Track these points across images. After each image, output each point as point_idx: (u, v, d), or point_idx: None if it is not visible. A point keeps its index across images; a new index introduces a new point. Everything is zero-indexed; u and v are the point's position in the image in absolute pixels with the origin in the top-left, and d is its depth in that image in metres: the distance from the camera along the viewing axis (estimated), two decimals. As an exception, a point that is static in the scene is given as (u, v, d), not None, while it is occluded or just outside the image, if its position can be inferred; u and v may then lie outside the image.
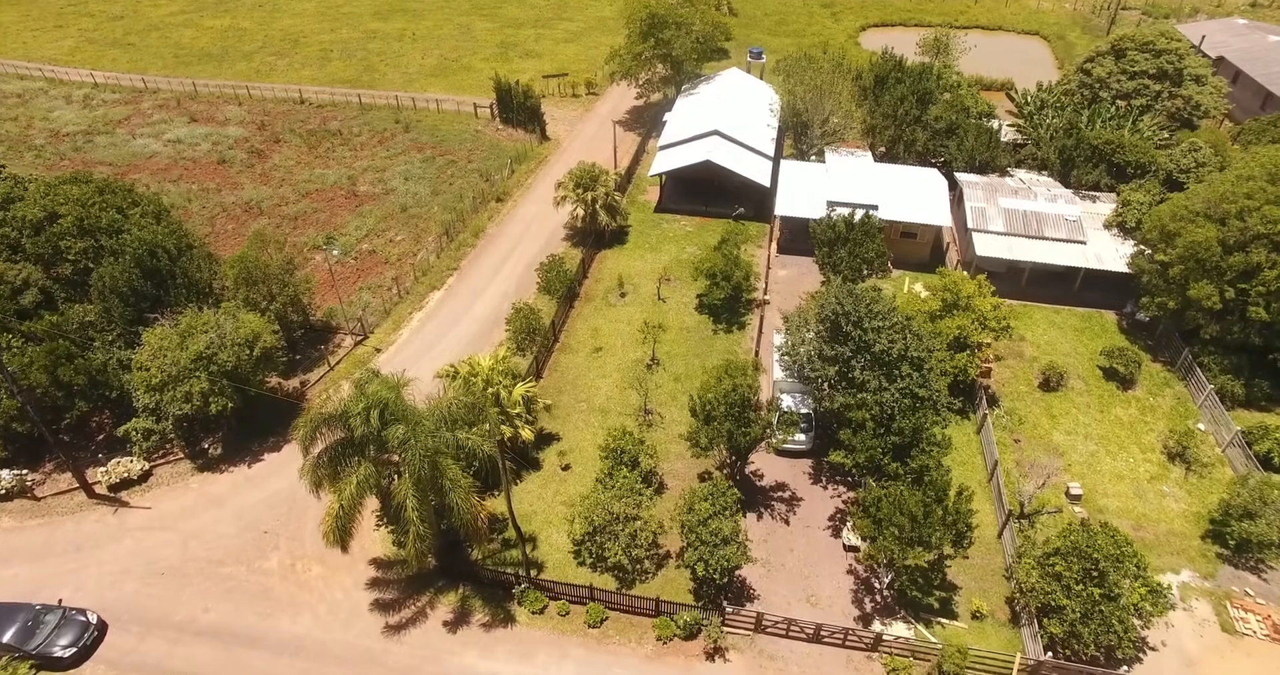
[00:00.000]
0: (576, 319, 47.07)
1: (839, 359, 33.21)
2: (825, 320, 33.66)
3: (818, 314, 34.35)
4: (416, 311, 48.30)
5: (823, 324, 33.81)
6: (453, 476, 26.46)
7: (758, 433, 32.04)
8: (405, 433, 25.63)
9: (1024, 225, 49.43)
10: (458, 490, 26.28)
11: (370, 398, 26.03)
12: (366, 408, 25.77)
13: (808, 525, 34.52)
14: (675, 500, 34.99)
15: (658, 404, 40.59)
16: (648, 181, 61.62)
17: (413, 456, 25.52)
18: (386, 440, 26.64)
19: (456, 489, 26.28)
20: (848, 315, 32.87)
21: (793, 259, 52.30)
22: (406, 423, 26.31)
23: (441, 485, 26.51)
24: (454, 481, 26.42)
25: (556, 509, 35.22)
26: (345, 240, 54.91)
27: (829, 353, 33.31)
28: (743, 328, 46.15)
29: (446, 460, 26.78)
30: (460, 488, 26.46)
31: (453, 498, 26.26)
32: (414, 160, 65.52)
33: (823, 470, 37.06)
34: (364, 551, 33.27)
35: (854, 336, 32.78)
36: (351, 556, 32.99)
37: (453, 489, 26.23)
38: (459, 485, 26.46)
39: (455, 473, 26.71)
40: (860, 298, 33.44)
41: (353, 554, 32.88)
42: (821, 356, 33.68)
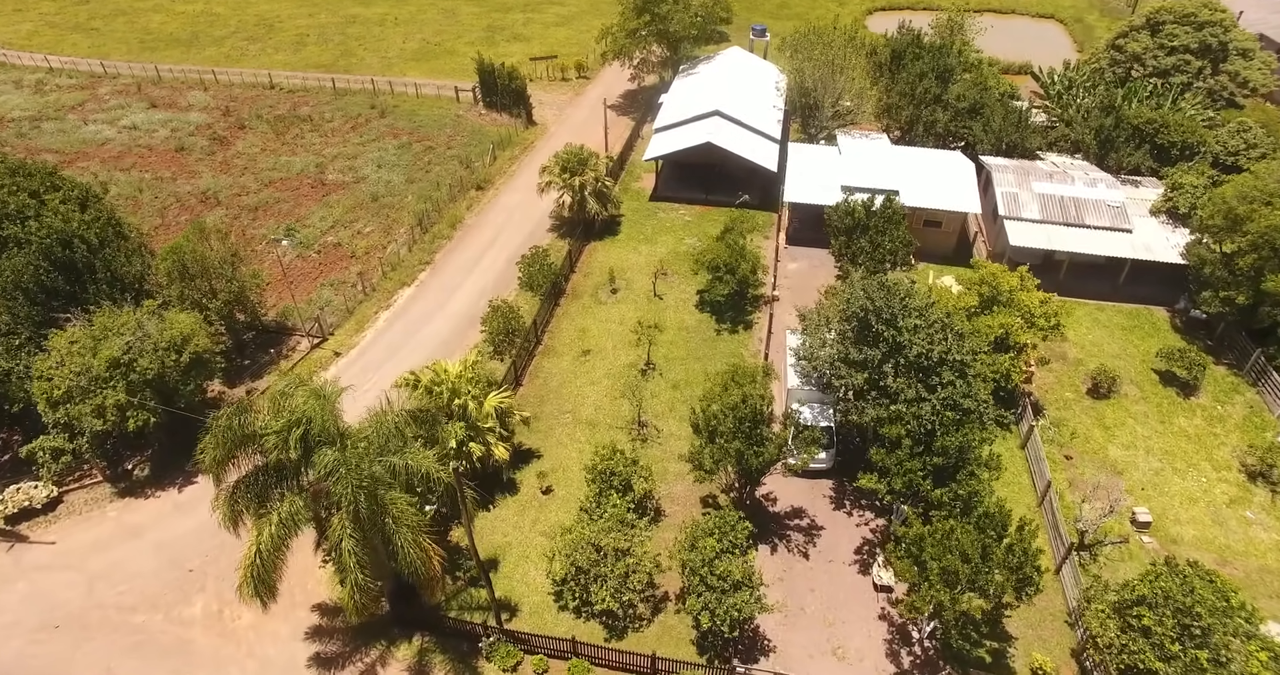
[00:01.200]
0: (562, 318, 41.91)
1: (868, 364, 28.08)
2: (851, 318, 28.53)
3: (842, 311, 29.23)
4: (383, 310, 43.12)
5: (848, 323, 28.68)
6: (397, 512, 21.23)
7: (772, 453, 26.91)
8: (335, 459, 20.41)
9: (1062, 212, 44.36)
10: (402, 530, 21.04)
11: (292, 414, 20.81)
12: (287, 427, 20.56)
13: (830, 560, 29.39)
14: (675, 530, 29.87)
15: (654, 416, 35.45)
16: (642, 167, 56.49)
17: (344, 488, 20.31)
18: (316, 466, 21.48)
19: (401, 529, 21.03)
20: (879, 312, 27.74)
21: (804, 251, 47.21)
22: (339, 446, 21.10)
23: (383, 523, 21.27)
24: (398, 519, 21.19)
25: (535, 541, 30.05)
26: (308, 232, 49.71)
27: (856, 356, 28.18)
28: (749, 327, 41.02)
29: (391, 492, 21.57)
30: (405, 527, 21.21)
31: (397, 539, 21.00)
32: (388, 147, 60.33)
33: (846, 493, 31.92)
34: (305, 594, 28.11)
35: (886, 337, 27.65)
36: (291, 600, 27.83)
37: (396, 529, 20.97)
38: (404, 523, 21.22)
39: (401, 507, 21.50)
40: (893, 291, 28.33)
41: (292, 597, 27.74)
42: (847, 361, 28.54)
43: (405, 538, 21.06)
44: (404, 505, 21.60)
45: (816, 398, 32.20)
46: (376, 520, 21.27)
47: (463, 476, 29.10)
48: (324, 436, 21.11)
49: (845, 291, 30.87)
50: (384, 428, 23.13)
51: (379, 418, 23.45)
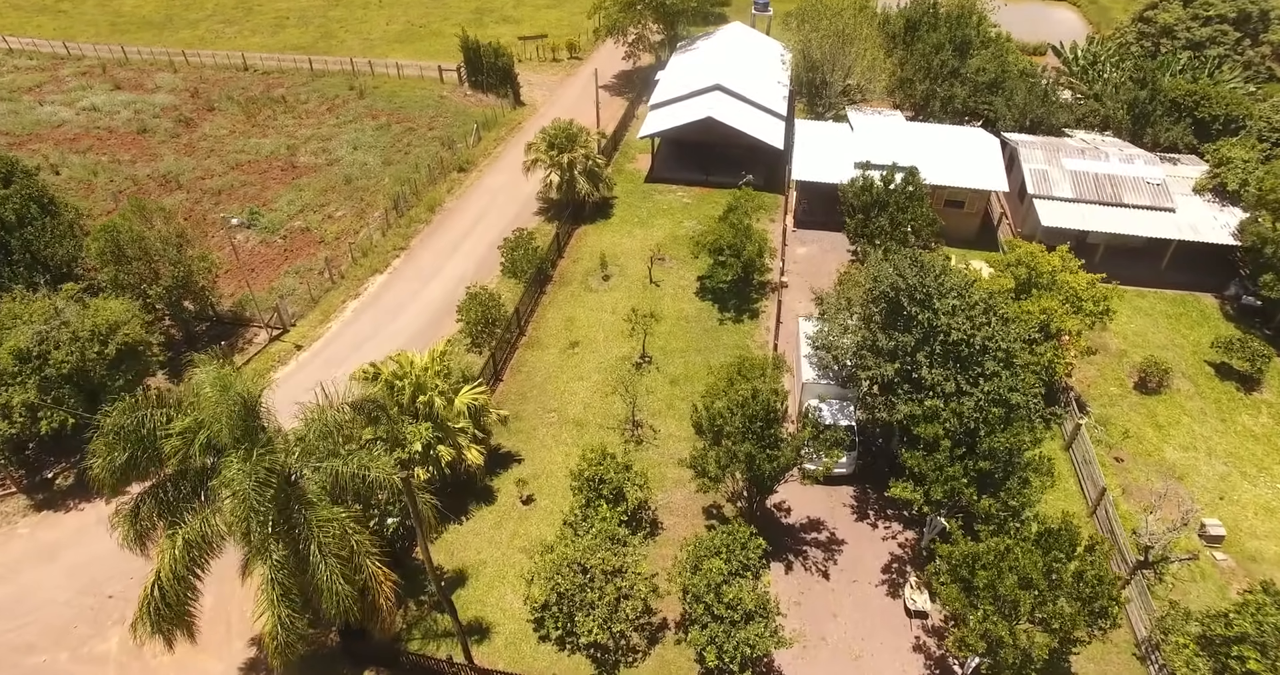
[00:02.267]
0: (548, 307, 37.91)
1: (899, 352, 24.11)
2: (879, 299, 24.56)
3: (867, 291, 25.28)
4: (351, 299, 39.09)
5: (875, 304, 24.71)
6: (324, 537, 17.16)
7: (788, 457, 22.92)
8: (240, 469, 16.31)
9: (1097, 190, 40.46)
10: (326, 562, 16.94)
11: (199, 413, 16.78)
12: (189, 429, 16.52)
13: (854, 580, 25.42)
14: (674, 545, 25.91)
15: (649, 414, 31.47)
16: (637, 148, 52.53)
17: (239, 506, 16.16)
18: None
19: (325, 559, 16.94)
20: (911, 291, 23.78)
21: (813, 234, 43.28)
22: (248, 450, 17.01)
23: (307, 550, 17.20)
24: (324, 545, 17.11)
25: (514, 558, 26.05)
26: (274, 216, 45.67)
27: (885, 344, 24.20)
28: (756, 316, 37.05)
29: (320, 509, 17.53)
30: (332, 557, 17.10)
31: (320, 572, 16.89)
32: (366, 128, 56.32)
33: (869, 502, 27.97)
34: (245, 622, 24.06)
35: (921, 320, 23.68)
36: (227, 630, 23.86)
37: (321, 558, 16.89)
38: (330, 552, 17.12)
39: (333, 531, 17.41)
40: (928, 268, 24.38)
41: (228, 626, 23.76)
42: (874, 349, 24.57)
43: (327, 571, 16.84)
44: (339, 526, 17.50)
45: (835, 393, 28.26)
46: (296, 545, 17.18)
47: (428, 483, 25.22)
48: (238, 439, 17.05)
49: (871, 268, 26.89)
50: (322, 426, 19.16)
51: (316, 414, 19.46)
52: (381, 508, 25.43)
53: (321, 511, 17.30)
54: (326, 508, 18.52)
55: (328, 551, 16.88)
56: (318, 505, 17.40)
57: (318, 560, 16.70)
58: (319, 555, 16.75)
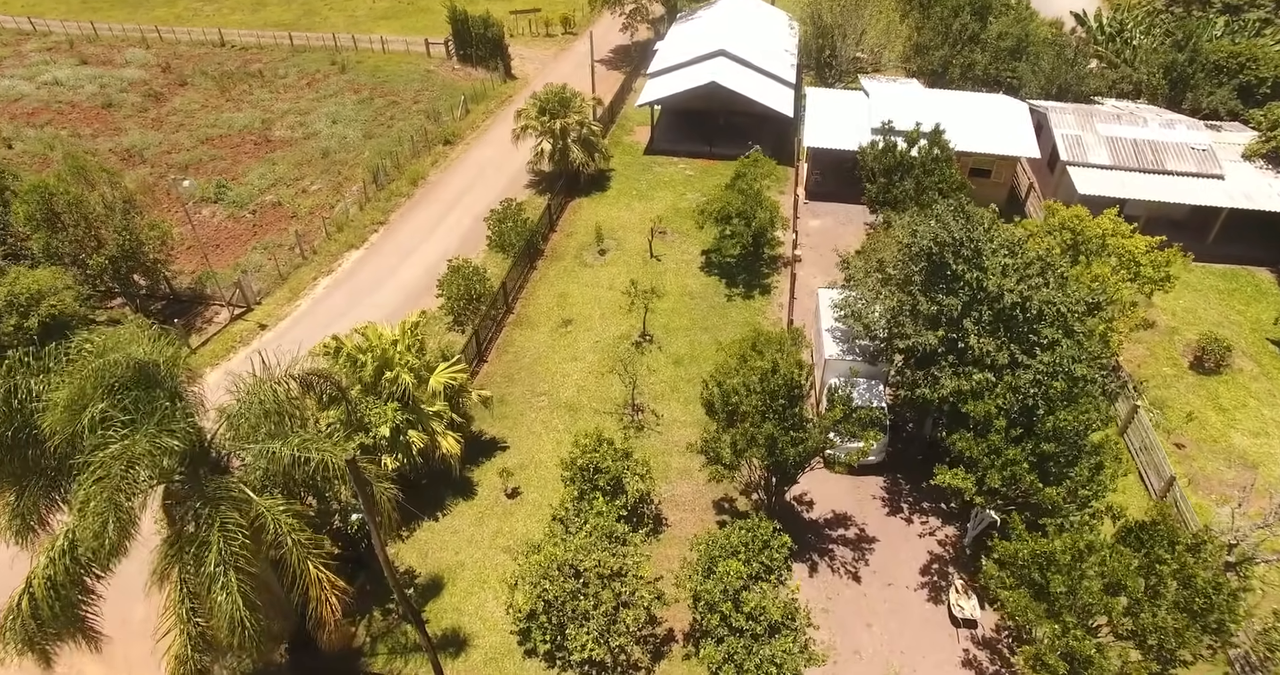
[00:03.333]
0: (539, 283, 34.50)
1: (943, 318, 20.72)
2: (920, 257, 21.16)
3: (905, 248, 21.89)
4: (324, 276, 35.65)
5: (914, 263, 21.30)
6: (235, 546, 13.56)
7: (816, 440, 19.51)
8: (117, 448, 12.75)
9: (1136, 157, 37.12)
10: (228, 577, 13.30)
11: (89, 378, 13.29)
12: (75, 398, 13.05)
13: (889, 582, 22.03)
14: (680, 545, 22.54)
15: (651, 398, 28.10)
16: (635, 120, 49.17)
17: (101, 496, 12.53)
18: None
19: (227, 572, 13.31)
20: (958, 246, 20.40)
21: (826, 206, 39.93)
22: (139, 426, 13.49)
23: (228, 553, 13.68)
24: (234, 557, 13.49)
25: (496, 560, 22.65)
26: (243, 190, 42.23)
27: (927, 308, 20.81)
28: (767, 292, 33.68)
29: (226, 510, 14.02)
30: (233, 571, 13.42)
31: (218, 591, 13.23)
32: (346, 102, 52.91)
33: (902, 493, 24.61)
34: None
35: (968, 280, 20.30)
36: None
37: (222, 570, 13.27)
38: (234, 563, 13.46)
39: (244, 535, 13.80)
40: (976, 220, 21.01)
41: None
42: (914, 314, 21.16)
43: (224, 588, 13.17)
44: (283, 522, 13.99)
45: (863, 371, 24.83)
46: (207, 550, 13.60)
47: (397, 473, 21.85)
48: (127, 411, 13.56)
49: (909, 224, 23.47)
50: (259, 402, 15.75)
51: (253, 387, 16.05)
52: (343, 503, 22.14)
53: (231, 513, 13.75)
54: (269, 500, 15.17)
55: (230, 560, 13.27)
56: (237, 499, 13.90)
57: (214, 571, 13.13)
58: (218, 564, 13.17)
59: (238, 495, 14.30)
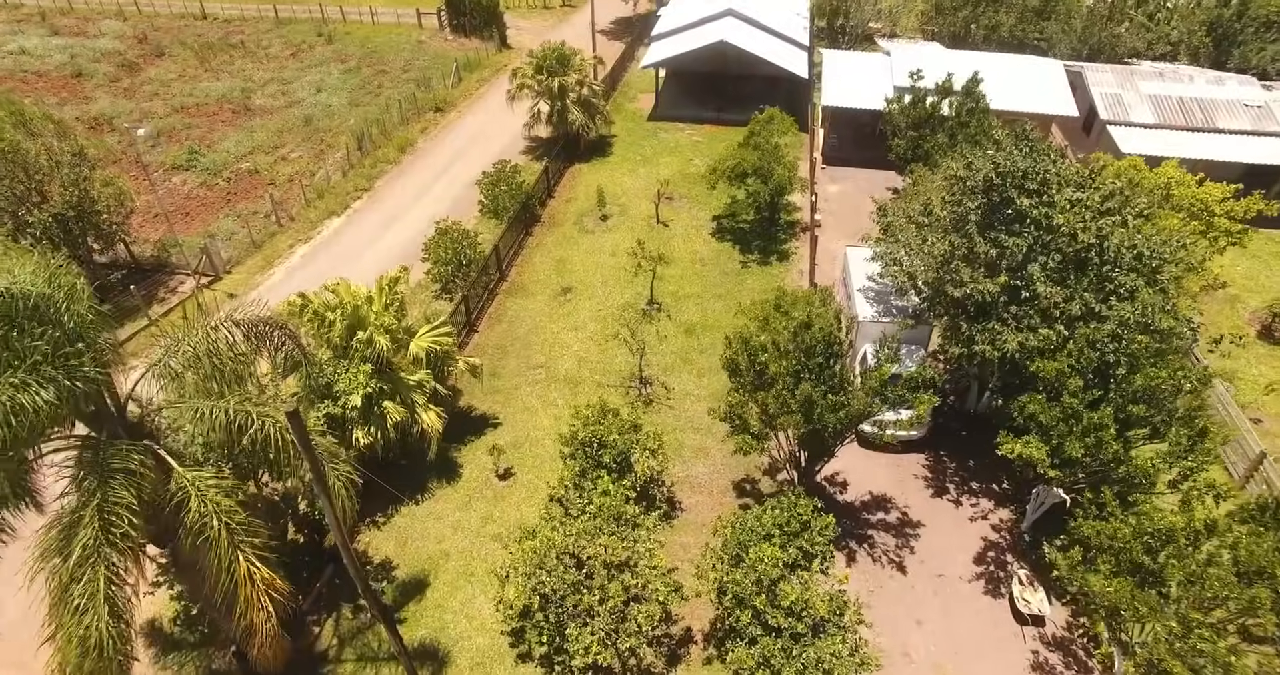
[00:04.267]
0: (535, 250, 31.56)
1: (1005, 262, 17.78)
2: (976, 192, 18.21)
3: (959, 182, 18.92)
4: (301, 244, 32.68)
5: (971, 198, 18.33)
6: (122, 534, 10.57)
7: (861, 403, 16.54)
8: None
9: (1183, 114, 34.23)
10: (93, 574, 10.26)
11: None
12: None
13: (940, 574, 19.09)
14: (696, 531, 19.63)
15: (660, 370, 25.17)
16: (637, 87, 46.30)
17: None
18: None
19: (92, 572, 10.27)
20: (1024, 178, 17.46)
21: (845, 172, 37.04)
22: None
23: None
24: (119, 542, 10.51)
25: (485, 549, 19.70)
26: (217, 157, 39.25)
27: (986, 251, 17.85)
28: (785, 258, 30.76)
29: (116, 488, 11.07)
30: (106, 573, 10.38)
31: (77, 597, 10.15)
32: (333, 71, 49.98)
33: (947, 473, 21.67)
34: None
35: (1036, 217, 17.37)
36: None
37: (84, 572, 10.20)
38: (104, 555, 10.45)
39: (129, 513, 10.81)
40: (1042, 151, 18.08)
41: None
42: (970, 258, 18.19)
43: (86, 587, 10.05)
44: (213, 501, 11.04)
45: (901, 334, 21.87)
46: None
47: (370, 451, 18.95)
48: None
49: (964, 157, 20.52)
50: (190, 351, 12.85)
51: (183, 335, 13.16)
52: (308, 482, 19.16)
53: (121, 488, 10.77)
54: (195, 472, 12.25)
55: (101, 553, 10.19)
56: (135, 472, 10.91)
57: (73, 566, 10.08)
58: (83, 558, 10.12)
59: (138, 466, 11.30)
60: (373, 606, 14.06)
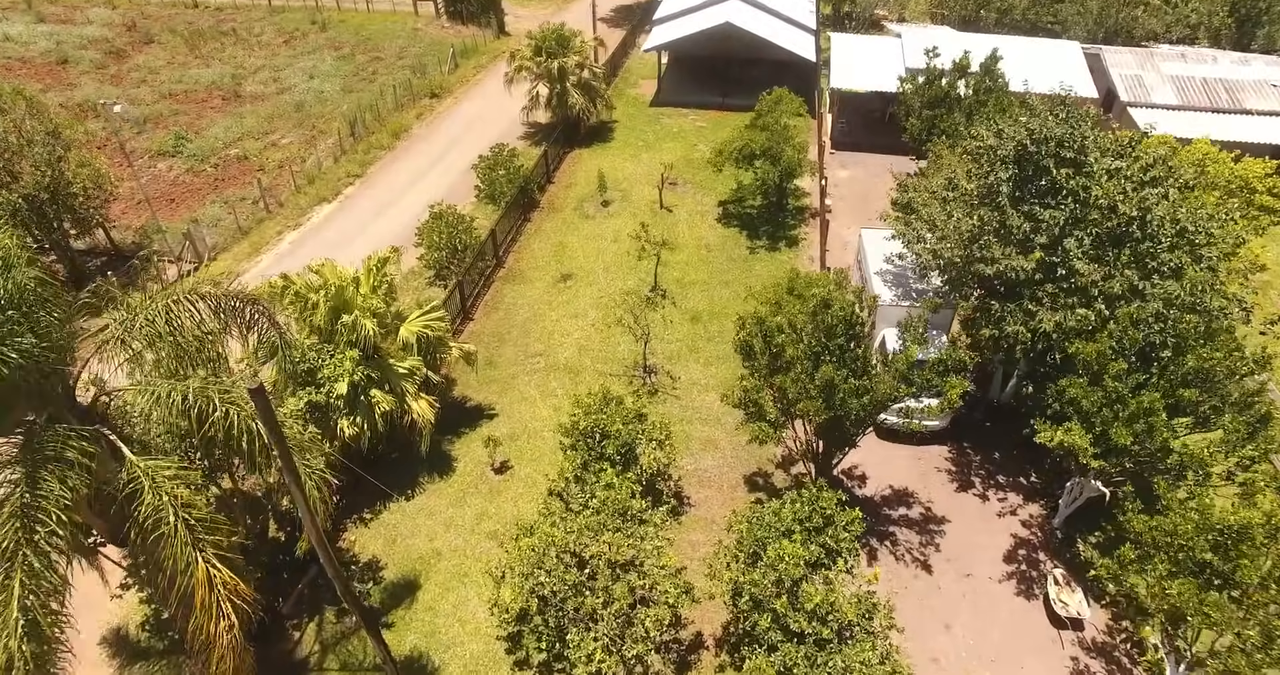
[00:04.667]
0: (533, 236, 30.27)
1: (1038, 238, 16.47)
2: (1008, 162, 16.90)
3: (987, 151, 17.60)
4: (289, 230, 31.38)
5: (1004, 169, 17.01)
6: (48, 532, 9.17)
7: (887, 387, 15.23)
8: None
9: (1208, 95, 32.95)
10: (5, 582, 8.74)
11: None
12: None
13: (967, 572, 17.79)
14: (706, 528, 18.35)
15: (665, 358, 23.87)
16: (638, 74, 45.02)
17: None
18: None
19: (5, 580, 8.76)
20: (1060, 145, 16.16)
21: (854, 157, 35.75)
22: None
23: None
24: (44, 542, 9.07)
25: (479, 547, 18.40)
26: (204, 143, 37.95)
27: (1019, 224, 16.53)
28: (794, 244, 29.49)
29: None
30: (23, 580, 8.83)
31: None
32: (326, 58, 48.67)
33: (970, 466, 20.37)
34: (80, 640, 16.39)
35: (1073, 188, 16.06)
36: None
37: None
38: (51, 548, 9.08)
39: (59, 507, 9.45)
40: (1079, 117, 16.78)
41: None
42: (1003, 233, 16.88)
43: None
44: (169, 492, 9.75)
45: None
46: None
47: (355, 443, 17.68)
48: None
49: (994, 122, 19.21)
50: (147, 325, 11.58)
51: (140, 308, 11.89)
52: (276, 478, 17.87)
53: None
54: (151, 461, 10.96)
55: (19, 556, 8.78)
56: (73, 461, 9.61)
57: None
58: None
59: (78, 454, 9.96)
60: (354, 609, 12.74)
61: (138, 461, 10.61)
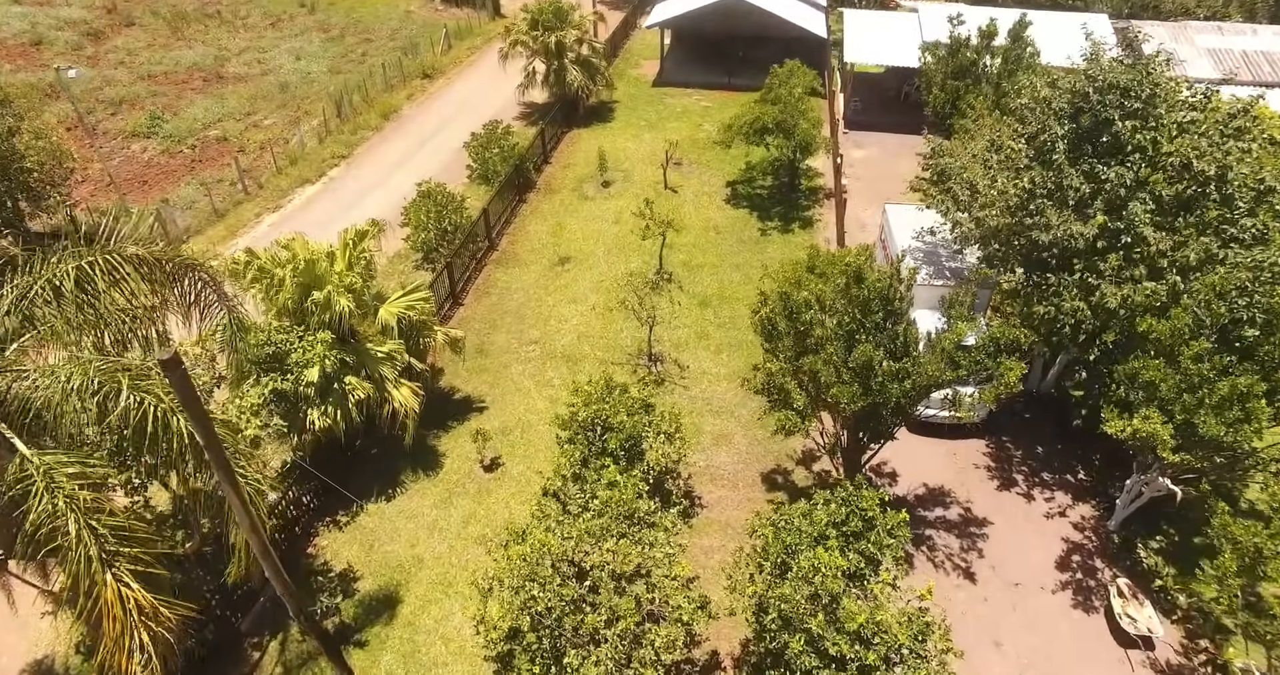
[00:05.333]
0: (529, 217, 28.27)
1: (1099, 201, 14.46)
2: (1063, 116, 14.88)
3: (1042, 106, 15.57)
4: (269, 212, 29.39)
5: (1060, 124, 14.98)
6: None
7: (934, 370, 13.20)
8: None
9: (1248, 67, 31.00)
10: None
11: None
12: None
13: (1016, 582, 15.78)
14: (719, 531, 16.36)
15: (673, 346, 21.87)
16: (640, 54, 43.07)
17: None
18: None
19: None
20: (1125, 98, 14.17)
21: (869, 136, 33.74)
22: None
23: None
24: None
25: (466, 555, 16.40)
26: (181, 123, 35.95)
27: (1077, 185, 14.52)
28: (809, 225, 27.50)
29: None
30: None
31: None
32: (314, 40, 46.67)
33: (1012, 462, 18.38)
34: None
35: (1138, 143, 14.07)
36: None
37: None
38: None
39: None
40: (1145, 62, 14.81)
41: None
42: (1058, 196, 14.84)
43: None
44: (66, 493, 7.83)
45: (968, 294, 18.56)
46: None
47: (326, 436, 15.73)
48: None
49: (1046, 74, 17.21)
50: (51, 287, 9.60)
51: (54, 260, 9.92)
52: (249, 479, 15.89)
53: None
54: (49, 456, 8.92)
55: None
56: None
57: None
58: None
59: None
60: (309, 632, 10.77)
61: (32, 456, 8.59)
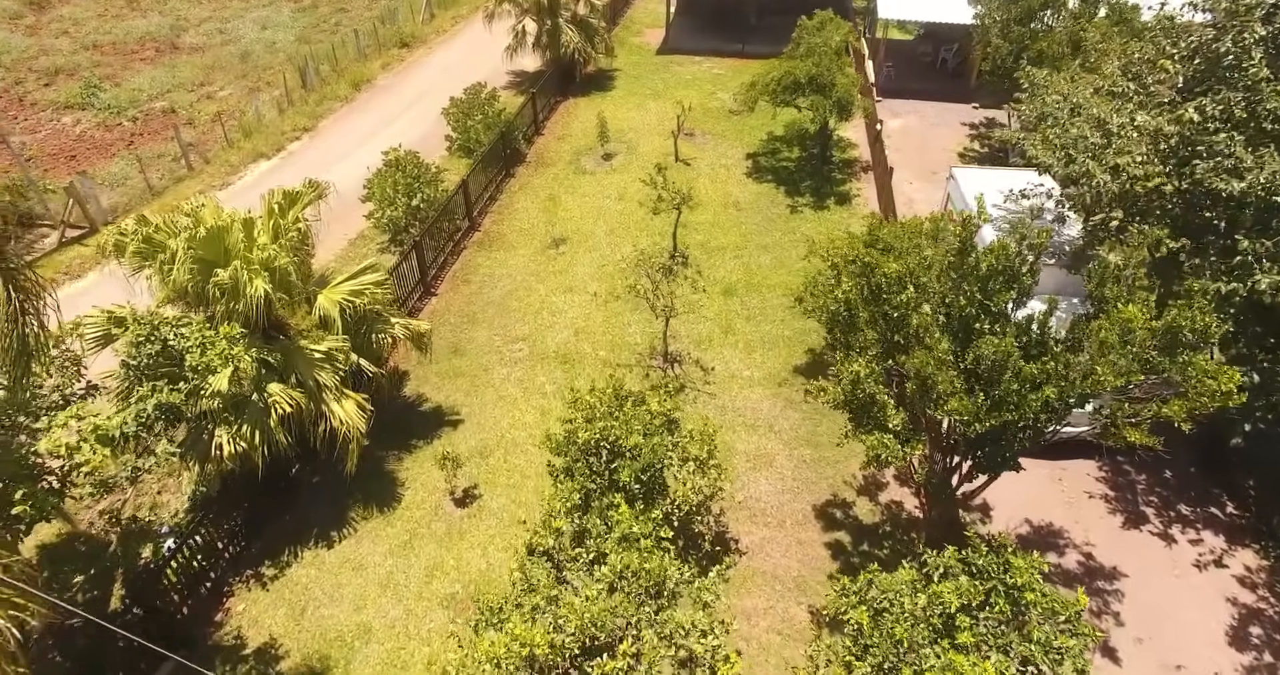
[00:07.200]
0: (517, 193, 24.14)
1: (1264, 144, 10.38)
2: (1251, 18, 10.77)
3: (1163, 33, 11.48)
4: (214, 190, 25.14)
5: (1249, 29, 10.86)
6: None
7: (1108, 375, 9.03)
8: None
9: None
10: None
11: None
12: None
13: (1178, 665, 11.68)
14: (765, 589, 12.26)
15: (691, 343, 17.77)
16: (642, 22, 38.95)
17: None
18: None
19: None
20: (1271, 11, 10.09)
21: (905, 104, 29.74)
22: None
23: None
24: None
25: (430, 621, 12.25)
26: (124, 93, 31.73)
27: (1227, 140, 10.39)
28: (846, 202, 23.42)
29: None
30: None
31: None
32: (283, 10, 42.42)
33: (1137, 489, 14.32)
34: None
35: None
36: None
37: None
38: None
39: None
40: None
41: None
42: (1242, 128, 10.70)
43: None
44: None
45: (1051, 281, 14.46)
46: None
47: (241, 463, 11.59)
48: None
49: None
50: None
51: None
52: (140, 522, 11.92)
53: None
54: None
55: None
56: None
57: None
58: None
59: None
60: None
61: None
